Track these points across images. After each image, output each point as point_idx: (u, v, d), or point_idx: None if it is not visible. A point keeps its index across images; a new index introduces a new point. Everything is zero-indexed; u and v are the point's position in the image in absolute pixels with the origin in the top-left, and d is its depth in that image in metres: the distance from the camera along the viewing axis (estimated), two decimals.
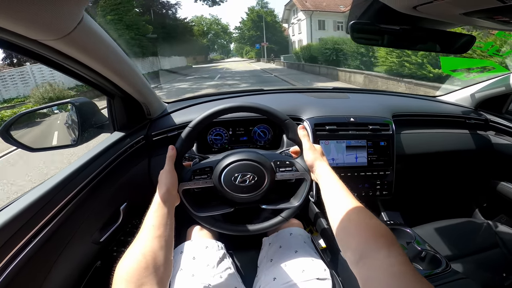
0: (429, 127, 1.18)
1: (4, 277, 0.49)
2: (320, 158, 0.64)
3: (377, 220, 0.48)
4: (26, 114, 0.85)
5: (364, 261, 0.42)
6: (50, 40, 0.44)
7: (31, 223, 0.55)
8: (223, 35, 59.18)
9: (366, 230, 0.46)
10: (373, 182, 1.01)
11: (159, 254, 0.49)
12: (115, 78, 0.71)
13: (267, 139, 1.10)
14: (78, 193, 0.67)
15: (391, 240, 0.43)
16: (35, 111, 0.91)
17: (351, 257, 0.45)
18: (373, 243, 0.43)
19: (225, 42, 61.48)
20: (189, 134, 0.67)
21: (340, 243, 0.49)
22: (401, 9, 0.42)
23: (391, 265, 0.39)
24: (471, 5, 0.36)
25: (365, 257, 0.42)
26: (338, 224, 0.50)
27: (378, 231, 0.45)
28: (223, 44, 62.39)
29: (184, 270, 0.72)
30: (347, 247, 0.47)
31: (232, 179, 0.67)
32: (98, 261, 0.86)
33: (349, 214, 0.50)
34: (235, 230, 0.73)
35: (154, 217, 0.55)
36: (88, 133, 0.85)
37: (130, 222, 1.01)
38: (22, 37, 0.41)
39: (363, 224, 0.47)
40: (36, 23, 0.37)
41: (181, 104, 1.12)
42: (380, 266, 0.39)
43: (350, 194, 0.55)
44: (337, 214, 0.51)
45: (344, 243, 0.48)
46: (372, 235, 0.44)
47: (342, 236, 0.49)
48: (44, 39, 0.44)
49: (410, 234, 0.89)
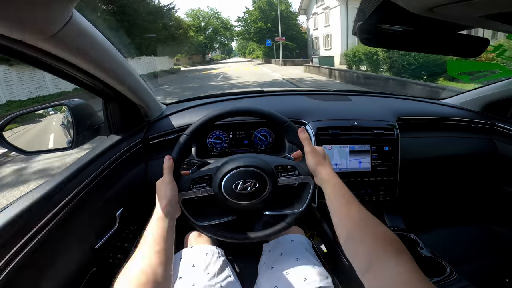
0: (433, 131, 1.16)
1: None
2: (323, 162, 0.62)
3: (385, 227, 0.47)
4: (20, 115, 0.82)
5: (373, 270, 0.41)
6: (36, 40, 0.41)
7: (24, 229, 0.53)
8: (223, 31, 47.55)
9: (374, 238, 0.45)
10: (377, 188, 0.98)
11: (159, 270, 0.48)
12: (109, 80, 0.68)
13: (268, 142, 1.08)
14: (74, 198, 0.65)
15: (399, 248, 0.43)
16: (29, 113, 0.88)
17: (359, 266, 0.44)
18: (382, 251, 0.42)
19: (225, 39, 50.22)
20: (185, 142, 0.65)
21: (347, 251, 0.48)
22: (416, 11, 0.39)
23: (400, 273, 0.39)
24: (492, 8, 0.34)
25: (373, 266, 0.42)
26: (345, 232, 0.49)
27: (386, 239, 0.44)
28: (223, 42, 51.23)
29: (184, 279, 0.71)
30: (355, 256, 0.46)
31: (233, 187, 0.65)
32: (93, 268, 0.84)
33: (356, 221, 0.49)
34: (237, 239, 0.70)
35: (155, 231, 0.53)
36: (84, 136, 0.82)
37: (127, 228, 0.98)
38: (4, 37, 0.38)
39: (370, 232, 0.46)
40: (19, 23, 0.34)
41: (180, 106, 1.09)
42: (389, 275, 0.39)
43: (355, 200, 0.53)
44: (343, 222, 0.50)
45: (351, 252, 0.47)
46: (381, 243, 0.44)
47: (349, 245, 0.48)
48: (28, 40, 0.41)
49: (414, 240, 0.87)
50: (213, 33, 46.45)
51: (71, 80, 0.62)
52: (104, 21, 12.44)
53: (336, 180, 0.58)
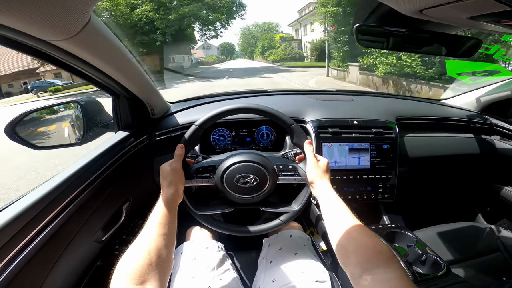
0: (433, 131, 1.17)
1: (7, 273, 0.49)
2: (322, 176, 0.65)
3: (376, 237, 0.50)
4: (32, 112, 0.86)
5: (364, 278, 0.44)
6: (59, 41, 0.45)
7: (35, 221, 0.55)
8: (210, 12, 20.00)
9: (365, 248, 0.48)
10: (375, 185, 1.00)
11: (163, 252, 0.50)
12: (120, 78, 0.71)
13: (270, 140, 1.11)
14: (82, 191, 0.68)
15: (389, 256, 0.46)
16: (41, 110, 0.91)
17: (351, 273, 0.47)
18: (373, 260, 0.46)
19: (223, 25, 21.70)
20: (195, 132, 0.68)
21: (340, 260, 0.51)
22: (407, 12, 0.42)
23: (389, 280, 0.42)
24: (478, 9, 0.36)
25: (364, 273, 0.44)
26: (338, 242, 0.52)
27: (377, 248, 0.48)
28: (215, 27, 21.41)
29: (184, 271, 0.73)
30: (347, 264, 0.49)
31: (234, 180, 0.67)
32: (99, 260, 0.86)
33: (349, 232, 0.52)
34: (233, 231, 0.73)
35: (160, 215, 0.56)
36: (93, 132, 0.85)
37: (132, 221, 1.01)
38: (31, 37, 0.42)
39: (362, 242, 0.49)
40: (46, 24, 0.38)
41: (185, 104, 1.12)
42: (378, 281, 0.42)
43: (349, 212, 0.56)
44: (337, 232, 0.53)
45: (344, 260, 0.50)
46: (371, 252, 0.47)
47: (342, 254, 0.51)
48: (52, 39, 0.44)
49: (411, 237, 0.89)
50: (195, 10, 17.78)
51: (84, 77, 0.66)
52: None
53: (332, 193, 0.61)
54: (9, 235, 0.50)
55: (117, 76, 0.70)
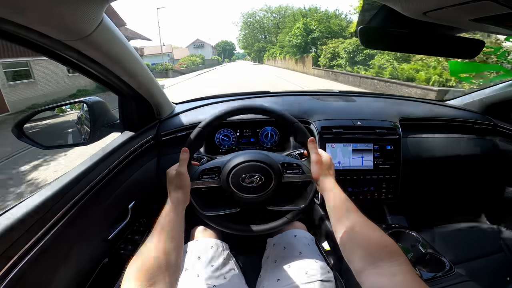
0: (436, 132, 1.18)
1: (16, 271, 0.50)
2: (326, 173, 0.65)
3: (381, 231, 0.50)
4: (39, 112, 0.87)
5: (369, 271, 0.43)
6: (72, 40, 0.46)
7: (44, 220, 0.56)
8: None
9: (370, 241, 0.48)
10: (379, 185, 1.01)
11: (172, 255, 0.50)
12: (128, 78, 0.72)
13: (274, 141, 1.11)
14: (89, 191, 0.68)
15: (394, 250, 0.45)
16: (48, 109, 0.93)
17: (356, 267, 0.47)
18: (377, 253, 0.45)
19: None
20: (199, 134, 0.68)
21: (345, 254, 0.51)
22: (411, 15, 0.43)
23: (394, 274, 0.41)
24: (481, 12, 0.37)
25: (369, 267, 0.44)
26: (343, 237, 0.52)
27: (382, 242, 0.47)
28: None
29: (189, 270, 0.73)
30: (352, 258, 0.49)
31: (240, 180, 0.68)
32: (105, 258, 0.87)
33: (354, 227, 0.52)
34: (240, 230, 0.73)
35: (169, 218, 0.56)
36: (100, 131, 0.86)
37: (137, 221, 1.02)
38: (46, 37, 0.43)
39: (367, 236, 0.49)
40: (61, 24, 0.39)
41: (189, 105, 1.13)
42: (383, 276, 0.41)
43: (354, 207, 0.56)
44: (342, 227, 0.53)
45: (349, 254, 0.50)
46: (376, 246, 0.46)
47: (347, 248, 0.51)
48: (66, 39, 0.46)
49: (415, 237, 0.89)
50: None
51: (92, 76, 0.67)
52: None
53: (336, 190, 0.61)
54: (18, 234, 0.51)
55: (124, 76, 0.71)
